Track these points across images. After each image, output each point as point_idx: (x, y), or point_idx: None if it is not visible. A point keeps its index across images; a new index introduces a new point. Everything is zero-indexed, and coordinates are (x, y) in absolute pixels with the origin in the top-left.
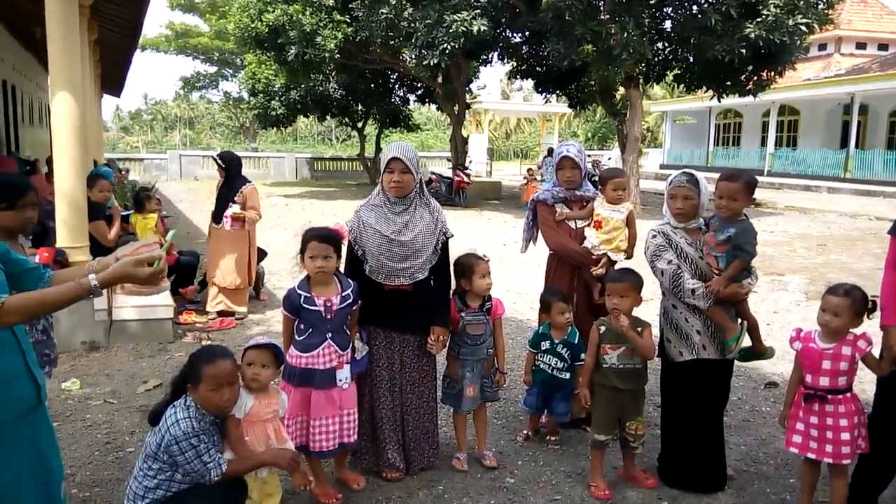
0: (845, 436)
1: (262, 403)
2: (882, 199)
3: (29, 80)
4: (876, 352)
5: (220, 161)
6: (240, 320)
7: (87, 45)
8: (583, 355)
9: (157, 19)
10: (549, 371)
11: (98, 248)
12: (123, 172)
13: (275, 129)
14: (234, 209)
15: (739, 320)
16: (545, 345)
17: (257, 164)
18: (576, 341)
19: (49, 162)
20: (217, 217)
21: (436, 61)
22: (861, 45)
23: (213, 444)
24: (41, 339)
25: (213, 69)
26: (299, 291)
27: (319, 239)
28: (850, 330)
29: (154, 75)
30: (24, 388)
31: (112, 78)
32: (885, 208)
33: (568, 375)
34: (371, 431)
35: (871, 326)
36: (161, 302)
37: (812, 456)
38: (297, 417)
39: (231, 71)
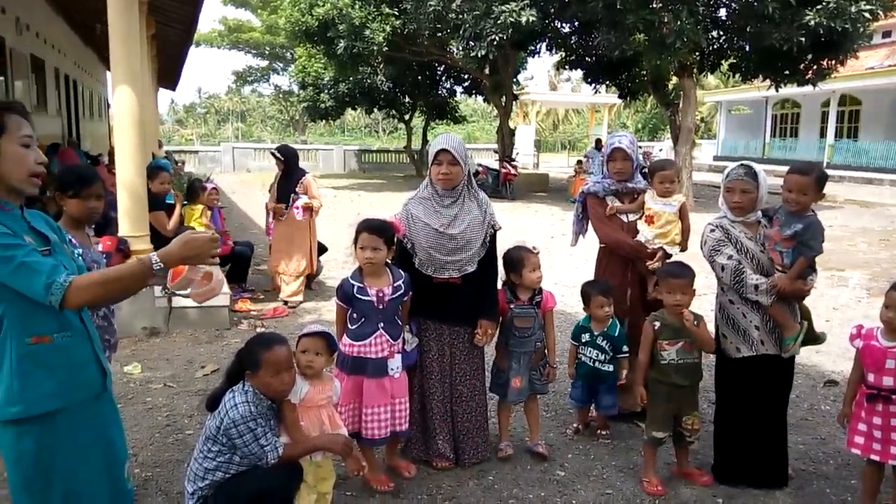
0: None
1: (316, 390)
2: None
3: (89, 75)
4: None
5: (278, 155)
6: (293, 309)
7: (145, 40)
8: (625, 347)
9: (211, 15)
10: (591, 364)
11: (157, 237)
12: (179, 165)
13: (323, 121)
14: (303, 199)
15: (800, 319)
16: (585, 337)
17: (306, 157)
18: (616, 333)
19: (110, 154)
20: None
21: (483, 53)
22: None
23: (270, 428)
24: (102, 324)
25: (264, 63)
26: (352, 281)
27: (370, 230)
28: None
29: (207, 70)
30: (91, 375)
31: (168, 72)
32: None
33: (611, 368)
34: (421, 422)
35: None
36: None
37: (876, 458)
38: (349, 405)
39: (281, 65)
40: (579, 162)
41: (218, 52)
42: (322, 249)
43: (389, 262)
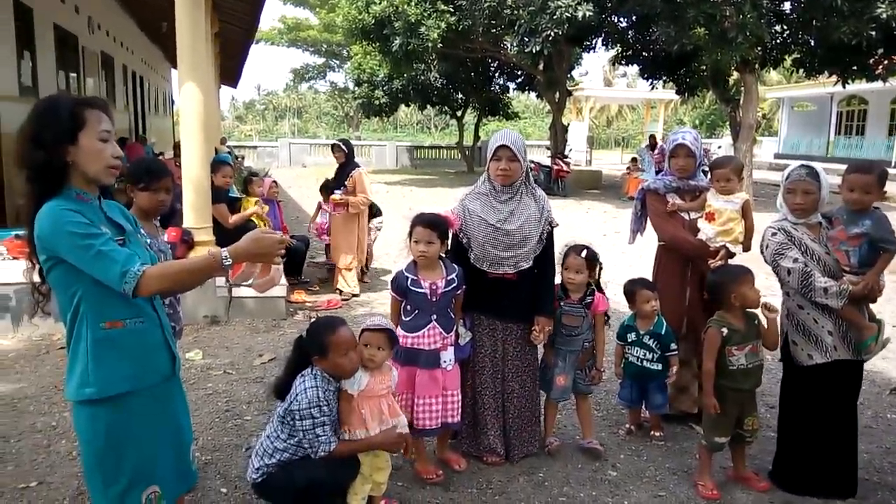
0: None
1: (376, 380)
2: None
3: (155, 72)
4: None
5: (343, 146)
6: (346, 301)
7: (209, 38)
8: (672, 345)
9: (271, 13)
10: (639, 363)
11: (219, 229)
12: (239, 160)
13: (377, 118)
14: (336, 195)
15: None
16: (631, 336)
17: (360, 152)
18: (663, 331)
19: (175, 148)
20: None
21: (538, 48)
22: None
23: (333, 417)
24: (168, 311)
25: (320, 61)
26: (406, 274)
27: (424, 224)
28: None
29: (267, 67)
30: (162, 359)
31: (229, 69)
32: None
33: (659, 366)
34: (472, 416)
35: None
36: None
37: None
38: (402, 395)
39: (337, 62)
40: (633, 160)
41: (277, 50)
42: (376, 213)
43: (443, 255)
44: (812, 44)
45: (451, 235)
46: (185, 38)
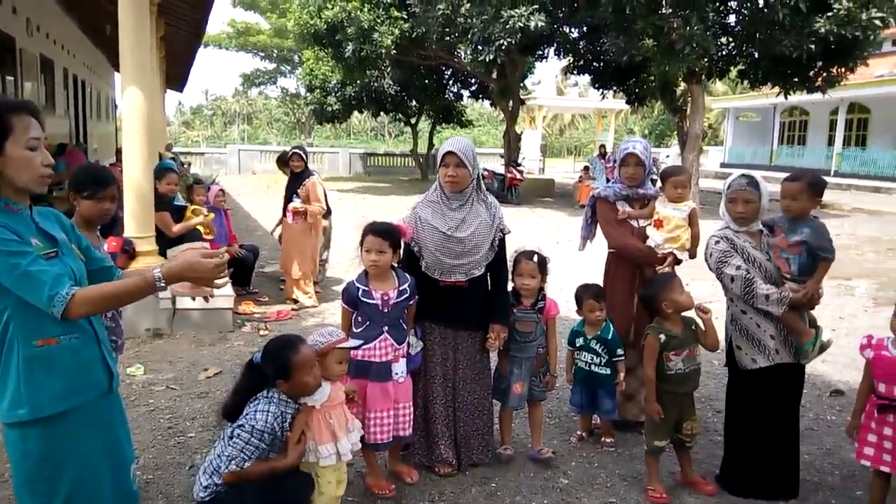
0: None
1: (336, 387)
2: None
3: (98, 76)
4: None
5: (302, 153)
6: (296, 311)
7: (154, 42)
8: (619, 350)
9: (220, 17)
10: (587, 368)
11: (162, 237)
12: (185, 166)
13: (330, 124)
14: (294, 203)
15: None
16: (579, 341)
17: (312, 160)
18: (609, 336)
19: (118, 154)
20: (284, 210)
21: (491, 57)
22: None
23: (277, 444)
24: (109, 325)
25: (271, 66)
26: (357, 284)
27: (375, 233)
28: None
29: (215, 72)
30: (98, 376)
31: (176, 74)
32: None
33: (607, 371)
34: (425, 427)
35: None
36: (221, 292)
37: (886, 469)
38: (353, 408)
39: (289, 67)
40: (585, 168)
41: (225, 54)
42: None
43: (396, 265)
44: (756, 56)
45: (403, 244)
46: (128, 42)
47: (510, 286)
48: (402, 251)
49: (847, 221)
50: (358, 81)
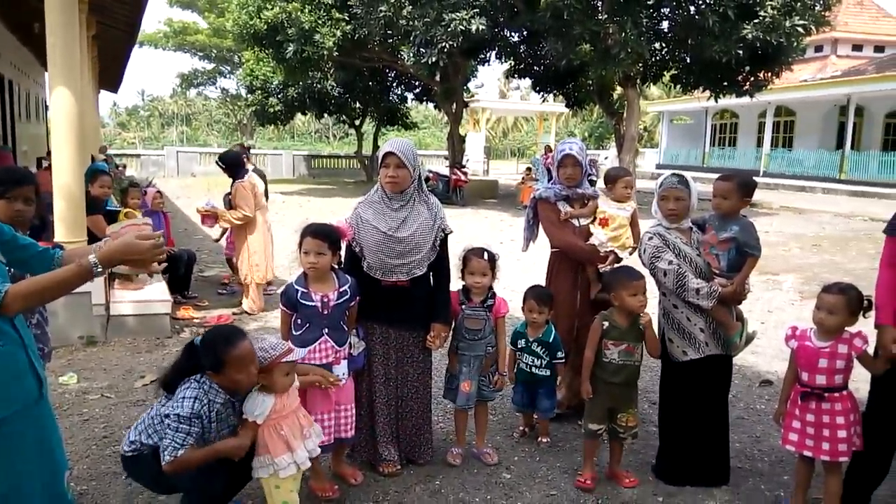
0: (842, 433)
1: (283, 397)
2: (877, 201)
3: (26, 76)
4: (870, 350)
5: (220, 163)
6: (237, 315)
7: (85, 40)
8: (560, 353)
9: (156, 15)
10: (528, 369)
11: (95, 242)
12: (120, 168)
13: (272, 126)
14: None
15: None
16: (521, 343)
17: (254, 162)
18: (551, 340)
19: (48, 156)
20: None
21: (434, 60)
22: (857, 47)
23: (209, 433)
24: (35, 332)
25: (210, 66)
26: (296, 287)
27: (314, 235)
28: (846, 328)
29: (152, 71)
30: (27, 384)
31: (109, 74)
32: (880, 209)
33: (547, 373)
34: (369, 426)
35: (865, 326)
36: (158, 297)
37: (808, 454)
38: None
39: (229, 68)
40: (528, 169)
41: (162, 54)
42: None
43: (335, 266)
44: (688, 61)
45: (345, 245)
46: (57, 40)
47: (460, 284)
48: (343, 252)
49: (775, 219)
50: (300, 83)
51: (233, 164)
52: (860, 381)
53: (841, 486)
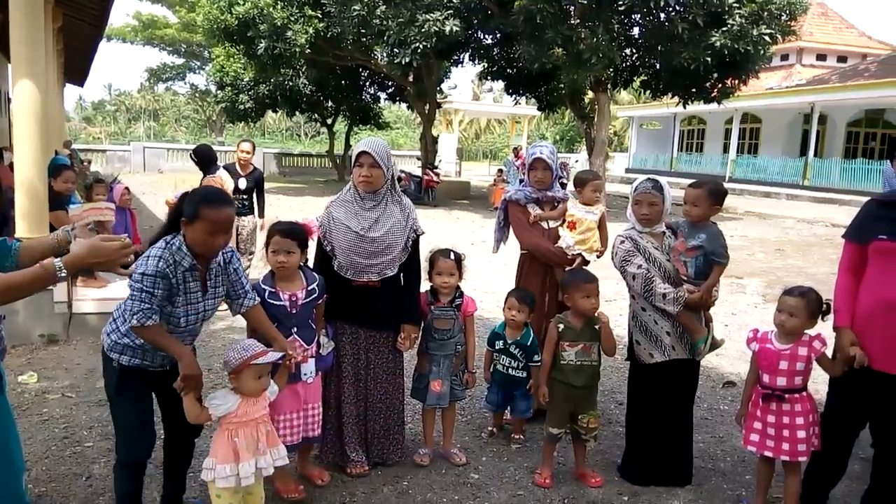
0: (801, 434)
1: (249, 402)
2: (838, 207)
3: None
4: (829, 352)
5: (193, 156)
6: None
7: (50, 32)
8: (537, 356)
9: (124, 8)
10: (504, 371)
11: None
12: (85, 164)
13: (242, 123)
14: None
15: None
16: (499, 344)
17: (224, 159)
18: (528, 342)
19: (10, 150)
20: None
21: (407, 60)
22: (821, 57)
23: (175, 296)
24: None
25: (179, 61)
26: (264, 286)
27: (282, 234)
28: (806, 331)
29: (119, 66)
30: None
31: (76, 67)
32: (842, 215)
33: (524, 375)
34: (337, 427)
35: (825, 329)
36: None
37: (769, 454)
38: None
39: (198, 63)
40: (500, 171)
41: (130, 48)
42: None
43: (303, 265)
44: (657, 67)
45: (316, 243)
46: (20, 32)
47: (428, 285)
48: (310, 251)
49: (740, 224)
50: (271, 80)
51: (203, 159)
52: (819, 383)
53: (800, 486)
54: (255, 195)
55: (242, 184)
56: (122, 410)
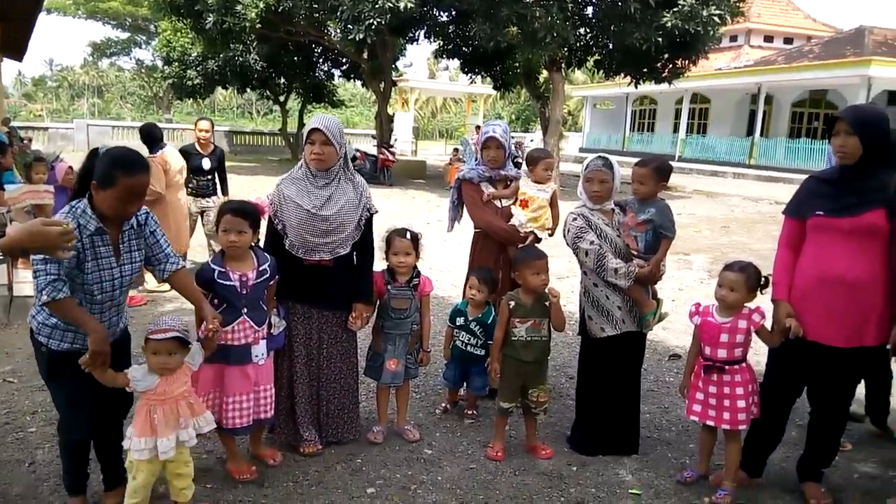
0: (740, 403)
1: (169, 381)
2: (783, 185)
3: None
4: (768, 324)
5: (140, 134)
6: (150, 293)
7: None
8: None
9: None
10: (464, 347)
11: None
12: (25, 142)
13: (191, 99)
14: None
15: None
16: (460, 321)
17: (171, 136)
18: (489, 321)
19: None
20: None
21: (361, 36)
22: (769, 38)
23: (85, 259)
24: None
25: (124, 35)
26: (213, 266)
27: (234, 213)
28: (745, 304)
29: (60, 40)
30: None
31: (14, 40)
32: (786, 193)
33: (483, 352)
34: (289, 407)
35: (763, 301)
36: None
37: (710, 423)
38: (209, 394)
39: (144, 38)
40: (455, 150)
41: (72, 22)
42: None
43: (255, 245)
44: (610, 47)
45: (267, 221)
46: None
47: (384, 265)
48: (262, 230)
49: (688, 202)
50: (220, 55)
51: (147, 137)
52: (760, 355)
53: (740, 453)
54: (217, 174)
55: (206, 164)
56: (56, 394)
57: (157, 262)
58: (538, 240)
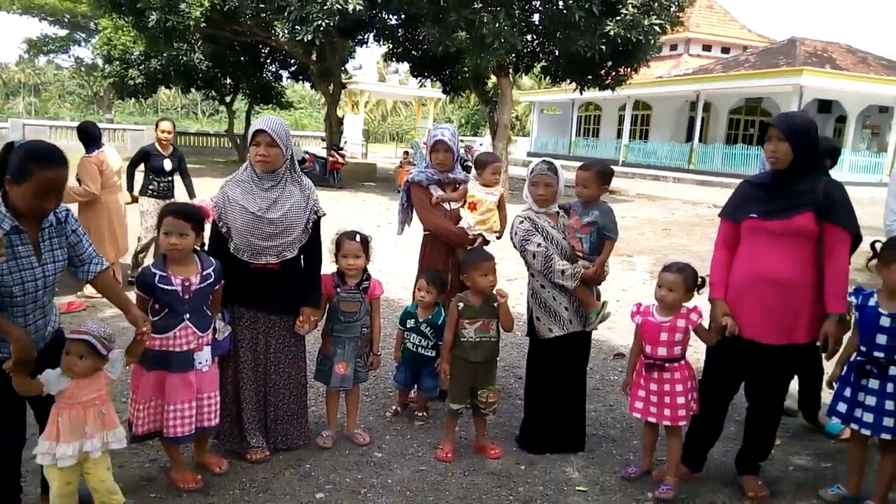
0: (680, 400)
1: (80, 385)
2: (720, 189)
3: None
4: (705, 323)
5: (78, 133)
6: (90, 298)
7: None
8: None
9: None
10: (414, 349)
11: None
12: None
13: (133, 99)
14: None
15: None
16: (410, 323)
17: (112, 137)
18: (440, 322)
19: None
20: None
21: (309, 38)
22: (707, 48)
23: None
24: None
25: (63, 32)
26: (154, 270)
27: (175, 215)
28: (684, 304)
29: None
30: None
31: None
32: (723, 197)
33: (434, 353)
34: (235, 413)
35: (701, 301)
36: None
37: (652, 419)
38: (149, 402)
39: (84, 35)
40: (406, 153)
41: (6, 17)
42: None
43: (198, 248)
44: (556, 54)
45: (211, 224)
46: None
47: (334, 267)
48: (206, 234)
49: (631, 206)
50: (164, 54)
51: (84, 136)
52: (700, 352)
53: (681, 448)
54: (181, 177)
55: (167, 165)
56: None
57: (81, 262)
58: (486, 242)
